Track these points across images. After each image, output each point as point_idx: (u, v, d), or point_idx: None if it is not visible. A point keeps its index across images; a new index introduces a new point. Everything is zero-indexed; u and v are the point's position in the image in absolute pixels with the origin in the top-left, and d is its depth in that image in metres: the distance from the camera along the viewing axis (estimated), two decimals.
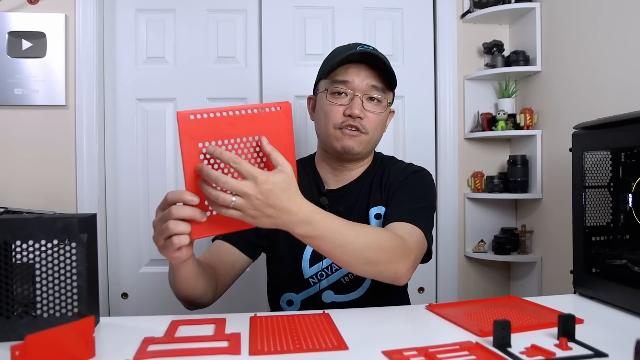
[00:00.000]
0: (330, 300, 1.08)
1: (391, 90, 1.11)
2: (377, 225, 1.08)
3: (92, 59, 1.83)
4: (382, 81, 1.06)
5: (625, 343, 0.69)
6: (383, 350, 0.67)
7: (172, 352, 0.68)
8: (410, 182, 1.09)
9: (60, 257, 0.73)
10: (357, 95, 1.04)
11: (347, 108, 1.04)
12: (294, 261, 1.08)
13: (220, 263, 1.02)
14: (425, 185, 1.11)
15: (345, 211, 1.08)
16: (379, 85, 1.06)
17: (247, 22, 1.96)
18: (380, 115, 1.07)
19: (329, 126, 1.06)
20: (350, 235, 0.80)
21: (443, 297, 1.97)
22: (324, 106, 1.07)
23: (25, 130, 1.82)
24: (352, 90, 1.04)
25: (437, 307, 0.90)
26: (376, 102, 1.06)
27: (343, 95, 1.05)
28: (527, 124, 1.90)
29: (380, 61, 1.04)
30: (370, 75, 1.05)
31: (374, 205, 1.10)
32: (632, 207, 0.94)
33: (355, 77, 1.04)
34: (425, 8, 2.02)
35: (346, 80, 1.05)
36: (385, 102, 1.08)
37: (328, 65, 1.08)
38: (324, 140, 1.10)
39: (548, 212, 1.85)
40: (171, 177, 1.94)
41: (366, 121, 1.05)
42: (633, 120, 0.87)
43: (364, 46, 1.06)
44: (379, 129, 1.09)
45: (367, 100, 1.05)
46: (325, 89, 1.07)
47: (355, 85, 1.04)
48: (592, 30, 1.59)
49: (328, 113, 1.06)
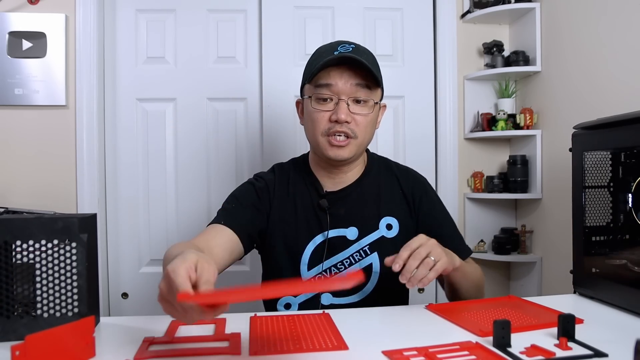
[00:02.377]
0: (329, 303, 1.07)
1: (379, 87, 1.05)
2: (389, 235, 1.09)
3: (92, 59, 1.84)
4: (368, 79, 1.01)
5: (625, 343, 0.69)
6: (383, 350, 0.67)
7: (172, 352, 0.68)
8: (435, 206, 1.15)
9: (61, 257, 0.73)
10: (342, 98, 1.00)
11: (332, 113, 1.01)
12: (292, 264, 1.07)
13: (219, 247, 0.98)
14: (440, 202, 1.17)
15: (345, 215, 1.07)
16: (364, 83, 1.01)
17: (247, 22, 1.96)
18: (368, 116, 1.03)
19: (317, 134, 1.03)
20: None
21: (443, 297, 1.96)
22: (310, 113, 1.04)
23: (25, 130, 1.82)
24: (337, 94, 1.00)
25: (437, 307, 0.90)
26: (363, 102, 1.02)
27: (328, 100, 1.01)
28: (527, 124, 1.90)
29: (361, 62, 0.98)
30: (353, 75, 1.00)
31: (385, 215, 1.09)
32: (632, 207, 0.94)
33: (338, 79, 1.00)
34: (425, 8, 2.02)
35: (329, 83, 1.00)
36: (372, 101, 1.03)
37: (310, 69, 1.04)
38: (314, 148, 1.08)
39: (548, 212, 1.85)
40: (171, 177, 1.94)
41: (354, 125, 1.01)
42: (633, 120, 0.87)
43: (345, 45, 1.02)
44: (369, 129, 1.05)
45: (353, 103, 1.01)
46: (309, 95, 1.04)
47: (339, 89, 1.00)
48: (592, 30, 1.59)
49: (315, 120, 1.02)
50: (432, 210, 1.12)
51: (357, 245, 1.07)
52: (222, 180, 1.95)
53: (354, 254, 1.07)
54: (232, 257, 1.02)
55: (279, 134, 1.95)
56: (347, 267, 1.07)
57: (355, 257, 1.07)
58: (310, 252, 1.07)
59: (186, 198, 1.94)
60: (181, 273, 0.59)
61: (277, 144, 1.95)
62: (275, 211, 1.09)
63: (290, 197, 1.10)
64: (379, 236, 1.08)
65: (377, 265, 1.06)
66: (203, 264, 0.63)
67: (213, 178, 1.95)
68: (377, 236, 1.07)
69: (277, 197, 1.10)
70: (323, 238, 1.06)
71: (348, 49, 1.01)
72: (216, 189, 1.94)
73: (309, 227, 1.07)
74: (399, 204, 1.09)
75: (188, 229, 1.94)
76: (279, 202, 1.09)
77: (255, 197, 1.08)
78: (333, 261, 1.07)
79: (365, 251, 1.07)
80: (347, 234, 1.07)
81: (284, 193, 1.11)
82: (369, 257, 1.07)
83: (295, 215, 1.08)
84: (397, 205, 1.10)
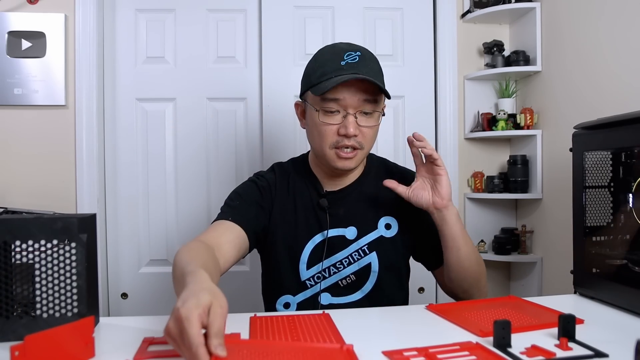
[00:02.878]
0: (328, 302, 1.07)
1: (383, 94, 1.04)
2: (388, 235, 1.09)
3: (92, 59, 1.83)
4: (375, 92, 1.01)
5: (625, 343, 0.69)
6: (383, 351, 0.67)
7: (172, 352, 0.68)
8: None
9: (60, 257, 0.73)
10: (350, 112, 0.99)
11: (340, 127, 1.00)
12: (291, 263, 1.07)
13: (228, 244, 0.97)
14: None
15: (345, 215, 1.08)
16: (371, 97, 1.00)
17: (247, 22, 1.96)
18: (374, 128, 1.03)
19: (324, 147, 1.02)
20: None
21: (443, 297, 1.96)
22: (317, 125, 1.02)
23: (25, 130, 1.82)
24: (344, 108, 0.99)
25: (437, 307, 0.90)
26: (369, 115, 1.02)
27: (335, 112, 1.00)
28: (527, 124, 1.90)
29: (373, 82, 0.97)
30: (361, 90, 0.99)
31: (384, 214, 1.09)
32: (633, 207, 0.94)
33: (346, 93, 0.98)
34: (425, 8, 2.02)
35: (337, 98, 0.99)
36: (378, 113, 1.03)
37: (314, 78, 1.01)
38: (320, 158, 1.07)
39: (548, 212, 1.85)
40: (171, 177, 1.94)
41: (361, 137, 1.01)
42: (633, 120, 0.87)
43: (351, 53, 1.00)
44: (374, 138, 1.06)
45: (361, 115, 1.01)
46: (316, 107, 1.02)
47: (347, 103, 0.99)
48: (592, 30, 1.59)
49: (322, 133, 1.01)
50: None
51: (355, 245, 1.07)
52: (222, 180, 1.95)
53: (352, 254, 1.07)
54: (239, 254, 1.01)
55: (279, 134, 1.95)
56: (345, 267, 1.07)
57: (354, 257, 1.07)
58: (310, 252, 1.07)
59: (186, 198, 1.94)
60: (195, 323, 0.56)
61: (276, 144, 1.95)
62: (277, 210, 1.09)
63: (290, 197, 1.10)
64: (378, 236, 1.08)
65: (376, 265, 1.07)
66: (216, 310, 0.59)
67: (213, 178, 1.95)
68: (375, 236, 1.08)
69: (278, 195, 1.10)
70: (322, 237, 1.07)
71: (355, 59, 0.99)
72: (216, 189, 1.94)
73: (308, 227, 1.08)
74: (398, 204, 1.09)
75: (188, 228, 1.94)
76: (280, 201, 1.10)
77: (258, 195, 1.08)
78: (332, 260, 1.07)
79: (364, 250, 1.07)
80: (346, 233, 1.07)
81: (285, 192, 1.11)
82: (368, 257, 1.07)
83: (295, 215, 1.08)
84: (395, 205, 1.09)
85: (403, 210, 1.10)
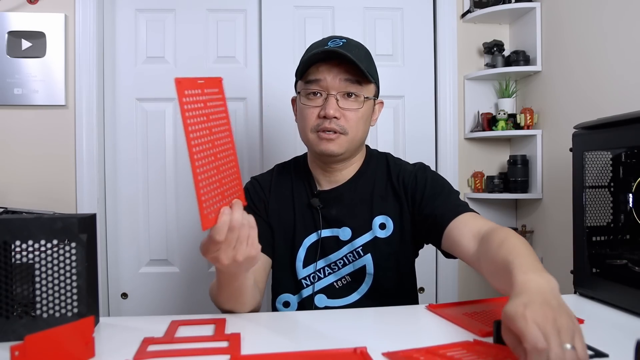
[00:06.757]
0: (324, 304, 1.05)
1: (372, 82, 1.03)
2: (382, 235, 1.05)
3: (92, 59, 1.83)
4: (358, 74, 0.98)
5: (625, 343, 0.69)
6: (383, 352, 0.67)
7: (171, 353, 0.68)
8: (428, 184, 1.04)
9: (60, 257, 0.73)
10: (332, 94, 0.98)
11: (321, 109, 0.99)
12: (289, 260, 1.07)
13: (258, 272, 1.00)
14: (436, 177, 1.08)
15: (337, 215, 1.06)
16: (353, 78, 0.98)
17: (247, 22, 1.96)
18: (359, 112, 1.00)
19: (307, 130, 1.01)
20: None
21: (443, 297, 1.97)
22: (300, 109, 1.03)
23: (25, 130, 1.82)
24: (326, 89, 0.99)
25: (437, 307, 0.90)
26: (354, 97, 1.00)
27: (318, 95, 1.00)
28: (527, 124, 1.90)
29: (347, 56, 0.95)
30: (342, 70, 0.98)
31: (378, 214, 1.06)
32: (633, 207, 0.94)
33: (327, 74, 0.98)
34: (425, 8, 2.02)
35: (318, 79, 0.99)
36: (363, 96, 1.00)
37: (300, 66, 1.02)
38: (307, 145, 1.07)
39: (548, 212, 1.85)
40: (171, 176, 1.94)
41: (343, 120, 0.99)
42: (633, 120, 0.87)
43: (335, 39, 1.00)
44: (361, 126, 1.02)
45: (343, 98, 0.99)
46: (299, 90, 1.03)
47: (328, 84, 0.98)
48: (592, 30, 1.59)
49: (304, 117, 1.01)
50: (424, 193, 1.04)
51: (350, 246, 1.05)
52: None
53: (347, 255, 1.05)
54: (267, 273, 1.06)
55: (279, 134, 1.95)
56: (340, 268, 1.06)
57: (349, 258, 1.05)
58: (306, 250, 1.06)
59: (186, 198, 1.94)
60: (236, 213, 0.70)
61: (277, 144, 1.95)
62: (273, 209, 1.09)
63: (289, 195, 1.10)
64: (372, 237, 1.05)
65: (371, 267, 1.05)
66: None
67: None
68: (370, 237, 1.05)
69: (273, 195, 1.10)
70: (317, 237, 1.06)
71: (338, 44, 0.99)
72: None
73: (304, 225, 1.07)
74: (392, 202, 1.06)
75: (188, 229, 1.94)
76: (275, 200, 1.10)
77: (252, 204, 1.08)
78: (327, 261, 1.06)
79: (359, 252, 1.05)
80: (340, 234, 1.06)
81: (283, 191, 1.11)
82: (363, 259, 1.05)
83: (292, 213, 1.08)
84: (389, 202, 1.06)
85: (397, 207, 1.06)
